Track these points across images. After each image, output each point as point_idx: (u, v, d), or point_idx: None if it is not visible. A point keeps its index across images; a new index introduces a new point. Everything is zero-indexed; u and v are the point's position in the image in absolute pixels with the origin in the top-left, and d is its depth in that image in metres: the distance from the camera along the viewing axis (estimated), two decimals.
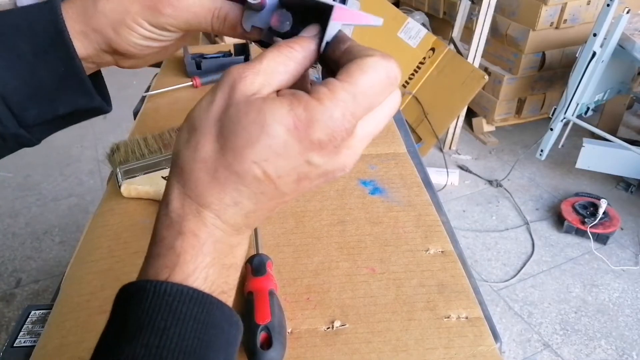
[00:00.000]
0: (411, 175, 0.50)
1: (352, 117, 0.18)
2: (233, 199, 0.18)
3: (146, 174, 0.47)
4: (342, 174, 0.20)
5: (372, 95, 0.19)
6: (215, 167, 0.18)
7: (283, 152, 0.18)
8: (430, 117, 1.60)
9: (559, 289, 1.22)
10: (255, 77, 0.19)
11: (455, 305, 0.36)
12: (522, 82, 1.71)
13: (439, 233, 0.43)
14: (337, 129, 0.18)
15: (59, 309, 0.36)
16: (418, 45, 1.61)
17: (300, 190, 0.19)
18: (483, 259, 1.30)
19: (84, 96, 0.26)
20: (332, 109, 0.18)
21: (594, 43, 1.26)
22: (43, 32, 0.24)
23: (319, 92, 0.18)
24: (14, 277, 1.24)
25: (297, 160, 0.18)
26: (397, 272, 0.39)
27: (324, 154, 0.18)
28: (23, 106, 0.25)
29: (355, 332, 0.34)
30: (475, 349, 0.33)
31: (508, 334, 1.11)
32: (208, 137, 0.18)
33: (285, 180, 0.19)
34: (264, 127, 0.18)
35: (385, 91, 0.19)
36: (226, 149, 0.18)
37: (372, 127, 0.20)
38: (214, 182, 0.18)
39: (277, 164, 0.18)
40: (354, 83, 0.18)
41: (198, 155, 0.18)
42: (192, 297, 0.18)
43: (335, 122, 0.18)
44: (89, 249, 0.41)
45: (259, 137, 0.18)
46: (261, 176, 0.18)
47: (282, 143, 0.18)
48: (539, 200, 1.53)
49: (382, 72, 0.19)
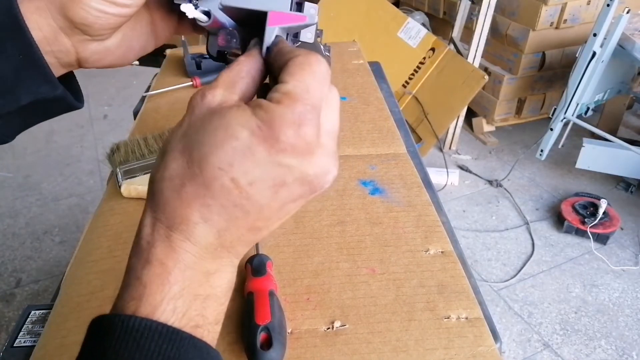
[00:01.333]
0: (411, 176, 0.50)
1: (314, 109, 0.18)
2: (201, 215, 0.17)
3: (146, 174, 0.47)
4: (326, 179, 0.19)
5: (319, 88, 0.19)
6: (182, 182, 0.17)
7: (250, 155, 0.17)
8: (430, 117, 1.60)
9: (559, 289, 1.22)
10: (214, 92, 0.19)
11: (455, 305, 0.36)
12: (522, 82, 1.71)
13: (439, 233, 0.42)
14: (303, 123, 0.18)
15: (59, 309, 0.36)
16: (418, 45, 1.61)
17: (280, 201, 0.18)
18: (483, 259, 1.30)
19: (45, 84, 0.25)
20: (293, 106, 0.18)
21: (594, 43, 1.26)
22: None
23: (273, 97, 0.18)
24: (14, 277, 1.24)
25: (266, 163, 0.17)
26: (397, 272, 0.39)
27: (296, 154, 0.18)
28: None
29: (355, 333, 0.34)
30: (475, 349, 0.33)
31: (508, 334, 1.11)
32: (174, 154, 0.18)
33: (259, 188, 0.18)
34: (227, 129, 0.17)
35: (325, 84, 0.19)
36: (192, 161, 0.18)
37: (332, 121, 0.20)
38: (180, 199, 0.17)
39: (245, 169, 0.17)
40: (301, 80, 0.19)
41: (165, 174, 0.18)
42: (159, 333, 0.16)
43: (300, 117, 0.18)
44: (89, 249, 0.41)
45: (222, 141, 0.17)
46: (229, 184, 0.17)
47: (247, 145, 0.17)
48: (539, 200, 1.53)
49: (317, 66, 0.19)
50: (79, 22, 0.25)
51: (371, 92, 0.67)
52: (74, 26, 0.25)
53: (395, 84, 1.62)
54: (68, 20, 0.25)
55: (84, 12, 0.25)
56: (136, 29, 0.28)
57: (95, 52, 0.27)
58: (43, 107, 0.26)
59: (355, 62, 0.77)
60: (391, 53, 1.61)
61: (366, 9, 1.64)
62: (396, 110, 0.65)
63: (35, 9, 0.24)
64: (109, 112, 2.05)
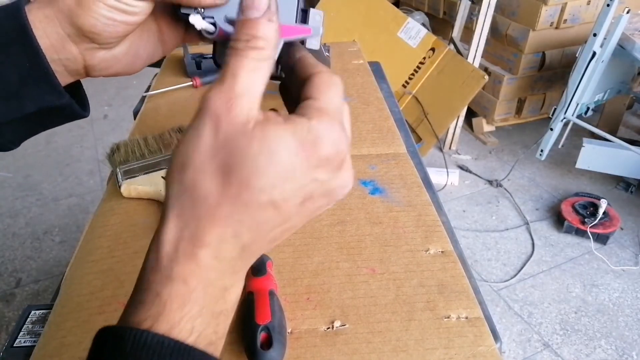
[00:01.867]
0: (411, 176, 0.50)
1: (344, 126, 0.19)
2: (234, 231, 0.17)
3: (146, 174, 0.47)
4: (343, 192, 0.20)
5: (342, 106, 0.20)
6: (219, 202, 0.17)
7: (291, 176, 0.17)
8: (430, 117, 1.60)
9: (559, 289, 1.22)
10: (240, 102, 0.18)
11: (455, 305, 0.36)
12: (522, 82, 1.71)
13: (439, 233, 0.42)
14: (341, 142, 0.19)
15: (59, 309, 0.36)
16: (418, 45, 1.61)
17: (303, 213, 0.19)
18: (483, 259, 1.30)
19: (51, 93, 0.25)
20: (332, 124, 0.18)
21: (594, 43, 1.26)
22: (5, 27, 0.24)
23: (309, 112, 0.19)
24: (14, 277, 1.24)
25: (304, 180, 0.18)
26: (397, 272, 0.39)
27: (330, 169, 0.18)
28: None
29: (355, 332, 0.34)
30: (475, 349, 0.33)
31: (508, 334, 1.11)
32: (206, 174, 0.17)
33: (291, 203, 0.18)
34: (272, 155, 0.17)
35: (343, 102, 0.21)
36: (230, 183, 0.17)
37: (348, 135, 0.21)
38: (214, 219, 0.17)
39: (284, 188, 0.17)
40: (331, 98, 0.19)
41: (196, 194, 0.17)
42: (174, 350, 0.16)
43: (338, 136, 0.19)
44: (89, 249, 0.41)
45: (267, 167, 0.17)
46: (267, 204, 0.17)
47: (290, 168, 0.17)
48: (539, 200, 1.53)
49: (339, 85, 0.20)
50: (87, 30, 0.25)
51: (371, 92, 0.67)
52: (82, 34, 0.25)
53: (395, 84, 1.62)
54: (76, 27, 0.25)
55: (92, 19, 0.25)
56: (143, 38, 0.28)
57: (103, 60, 0.27)
58: (48, 115, 0.26)
59: (355, 62, 0.77)
60: (391, 53, 1.61)
61: (366, 9, 1.64)
62: (396, 110, 0.65)
63: (44, 16, 0.25)
64: (109, 112, 2.05)
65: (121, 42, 0.27)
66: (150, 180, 0.46)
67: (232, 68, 0.18)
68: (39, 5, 0.25)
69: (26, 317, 0.38)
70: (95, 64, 0.27)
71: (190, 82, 0.68)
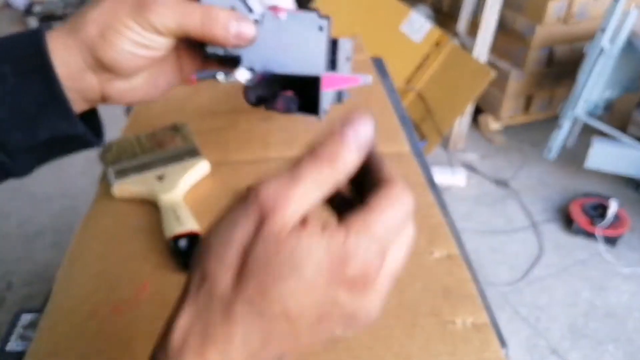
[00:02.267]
0: (415, 176, 0.48)
1: (385, 252, 0.17)
2: (243, 335, 0.17)
3: (139, 174, 0.45)
4: (365, 320, 0.18)
5: (398, 229, 0.18)
6: (232, 300, 0.17)
7: (311, 291, 0.16)
8: (435, 115, 1.58)
9: (568, 293, 1.20)
10: (287, 206, 0.17)
11: (460, 310, 0.34)
12: (529, 79, 1.69)
13: (444, 236, 0.41)
14: (371, 265, 0.17)
15: (50, 314, 0.35)
16: (422, 39, 1.59)
17: (316, 333, 0.17)
18: (489, 262, 1.28)
19: (64, 121, 0.25)
20: (369, 244, 0.17)
21: (602, 39, 1.24)
22: (25, 55, 0.24)
23: (354, 224, 0.17)
24: (4, 280, 1.23)
25: (323, 298, 0.17)
26: (401, 276, 0.37)
27: (353, 292, 0.17)
28: (4, 131, 0.24)
29: (357, 339, 0.33)
30: (481, 355, 0.31)
31: (515, 340, 1.08)
32: (229, 270, 0.17)
33: (306, 320, 0.17)
34: (297, 268, 0.16)
35: (406, 226, 0.19)
36: (247, 285, 0.17)
37: (397, 261, 0.18)
38: (228, 317, 0.17)
39: (302, 302, 0.17)
40: (388, 217, 0.17)
41: (216, 288, 0.17)
42: None
43: (371, 258, 0.17)
44: (80, 251, 0.40)
45: (288, 278, 0.16)
46: (280, 314, 0.17)
47: (311, 282, 0.16)
48: (547, 201, 1.50)
49: (406, 206, 0.18)
50: (108, 63, 0.25)
51: (373, 88, 0.66)
52: (102, 66, 0.25)
53: (398, 80, 1.60)
54: (97, 59, 0.25)
55: (115, 53, 0.25)
56: (162, 67, 0.28)
57: (121, 90, 0.27)
58: (61, 144, 0.27)
59: (357, 57, 0.76)
60: (394, 48, 1.59)
61: (368, 2, 1.62)
62: (399, 108, 0.63)
63: (64, 45, 0.25)
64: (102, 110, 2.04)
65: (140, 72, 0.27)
66: (143, 180, 0.45)
67: (299, 169, 0.17)
68: (60, 34, 0.25)
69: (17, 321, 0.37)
70: (113, 93, 0.27)
71: None
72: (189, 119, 0.56)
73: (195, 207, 0.43)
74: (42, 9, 2.84)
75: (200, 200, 0.45)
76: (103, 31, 0.24)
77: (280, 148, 0.52)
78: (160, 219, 0.42)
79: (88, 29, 0.25)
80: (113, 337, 0.33)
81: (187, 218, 0.41)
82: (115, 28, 0.24)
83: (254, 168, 0.49)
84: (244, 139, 0.55)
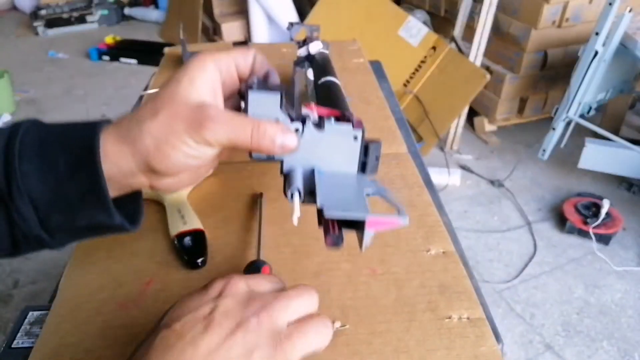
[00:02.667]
0: (412, 176, 0.49)
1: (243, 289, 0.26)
2: None
3: None
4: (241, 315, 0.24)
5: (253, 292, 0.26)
6: None
7: (187, 309, 0.24)
8: (432, 117, 1.60)
9: (561, 290, 1.22)
10: None
11: (456, 306, 0.35)
12: (524, 81, 1.71)
13: (440, 234, 0.42)
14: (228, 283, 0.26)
15: (56, 310, 0.36)
16: (419, 43, 1.61)
17: (211, 335, 0.23)
18: (485, 260, 1.30)
19: (103, 213, 0.27)
20: (229, 279, 0.27)
21: (596, 42, 1.26)
22: (78, 148, 0.26)
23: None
24: (11, 278, 1.24)
25: (196, 305, 0.24)
26: (398, 272, 0.38)
27: (213, 293, 0.25)
28: (47, 211, 0.26)
29: (356, 334, 0.34)
30: (477, 349, 0.32)
31: (510, 336, 1.10)
32: None
33: (188, 326, 0.23)
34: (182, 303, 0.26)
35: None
36: None
37: None
38: None
39: (182, 319, 0.24)
40: (261, 282, 0.28)
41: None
42: None
43: (226, 282, 0.26)
44: (87, 250, 0.41)
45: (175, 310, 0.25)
46: (169, 331, 0.23)
47: (188, 304, 0.25)
48: (541, 201, 1.52)
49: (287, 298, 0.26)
50: (160, 171, 0.27)
51: (372, 91, 0.67)
52: (153, 171, 0.27)
53: (396, 83, 1.62)
54: (149, 167, 0.27)
55: (168, 163, 0.27)
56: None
57: (167, 184, 0.29)
58: (97, 230, 0.28)
59: (356, 60, 0.77)
60: (392, 52, 1.61)
61: (366, 7, 1.63)
62: (397, 110, 0.65)
63: (118, 151, 0.26)
64: (107, 112, 2.04)
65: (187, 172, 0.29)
66: None
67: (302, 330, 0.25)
68: (116, 140, 0.27)
69: (24, 318, 0.37)
70: (160, 186, 0.29)
71: None
72: None
73: (199, 206, 0.44)
74: (48, 13, 2.83)
75: (204, 199, 0.46)
76: (158, 144, 0.26)
77: None
78: (165, 217, 0.43)
79: (144, 140, 0.26)
80: (118, 333, 0.34)
81: (191, 217, 0.42)
82: (171, 143, 0.26)
83: (255, 168, 0.50)
84: None
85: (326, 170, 0.30)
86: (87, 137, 0.26)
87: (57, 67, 2.43)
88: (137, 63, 2.41)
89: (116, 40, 2.59)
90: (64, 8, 2.86)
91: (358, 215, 0.26)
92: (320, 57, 0.63)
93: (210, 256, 0.40)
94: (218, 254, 0.40)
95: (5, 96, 1.99)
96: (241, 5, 2.37)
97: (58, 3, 2.86)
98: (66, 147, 0.26)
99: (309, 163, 0.30)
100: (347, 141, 0.29)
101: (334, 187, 0.29)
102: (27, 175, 0.25)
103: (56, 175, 0.26)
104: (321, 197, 0.27)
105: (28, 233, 0.27)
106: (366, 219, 0.26)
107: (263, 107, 0.28)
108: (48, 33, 2.84)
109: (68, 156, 0.26)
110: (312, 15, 1.66)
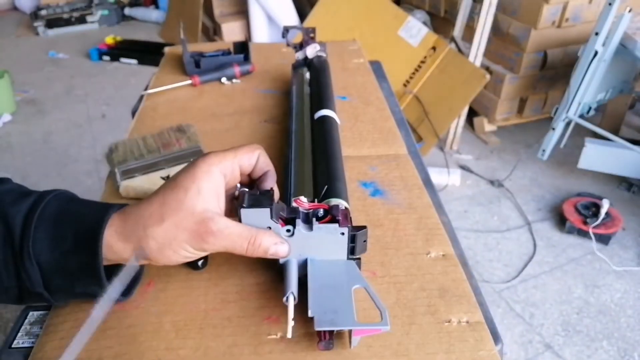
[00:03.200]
0: (412, 177, 0.49)
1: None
2: None
3: (145, 174, 0.46)
4: None
5: None
6: None
7: None
8: (431, 117, 1.59)
9: (561, 290, 1.22)
10: None
11: (456, 309, 0.35)
12: (523, 81, 1.71)
13: (440, 236, 0.42)
14: None
15: (57, 310, 0.36)
16: (419, 44, 1.61)
17: None
18: (484, 260, 1.30)
19: (97, 285, 0.31)
20: None
21: (596, 42, 1.26)
22: (86, 231, 0.30)
23: None
24: None
25: None
26: (398, 275, 0.38)
27: None
28: (50, 275, 0.30)
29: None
30: (476, 353, 0.32)
31: (509, 335, 1.10)
32: None
33: None
34: None
35: None
36: None
37: None
38: None
39: None
40: None
41: None
42: None
43: None
44: None
45: None
46: None
47: None
48: (540, 201, 1.52)
49: None
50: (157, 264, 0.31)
51: (372, 91, 0.67)
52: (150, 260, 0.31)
53: (396, 84, 1.62)
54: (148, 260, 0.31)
55: (166, 261, 0.31)
56: None
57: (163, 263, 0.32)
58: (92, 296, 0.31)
59: (356, 61, 0.77)
60: (392, 52, 1.60)
61: (366, 7, 1.63)
62: (397, 110, 0.65)
63: (122, 246, 0.30)
64: (107, 112, 2.04)
65: None
66: (149, 180, 0.45)
67: None
68: (119, 238, 0.30)
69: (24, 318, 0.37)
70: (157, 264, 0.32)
71: (189, 80, 0.68)
72: (193, 120, 0.57)
73: None
74: (49, 13, 2.83)
75: None
76: (161, 248, 0.30)
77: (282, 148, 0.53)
78: None
79: (148, 243, 0.29)
80: (120, 334, 0.34)
81: None
82: (172, 248, 0.30)
83: None
84: (247, 140, 0.56)
85: (318, 259, 0.34)
86: (95, 222, 0.30)
87: (57, 67, 2.43)
88: (137, 63, 2.41)
89: (116, 41, 2.59)
90: (64, 8, 2.86)
91: (346, 327, 0.30)
92: (317, 60, 0.63)
93: (210, 257, 0.40)
94: (218, 255, 0.40)
95: (6, 96, 1.99)
96: (241, 6, 2.37)
97: (58, 3, 2.86)
98: (75, 226, 0.30)
99: (302, 255, 0.34)
100: (334, 237, 0.33)
101: (324, 290, 0.32)
102: (39, 242, 0.29)
103: (63, 248, 0.30)
104: (312, 308, 0.30)
105: (32, 290, 0.31)
106: (353, 330, 0.30)
107: (254, 219, 0.31)
108: (48, 33, 2.84)
109: (76, 235, 0.30)
110: (312, 15, 1.66)
